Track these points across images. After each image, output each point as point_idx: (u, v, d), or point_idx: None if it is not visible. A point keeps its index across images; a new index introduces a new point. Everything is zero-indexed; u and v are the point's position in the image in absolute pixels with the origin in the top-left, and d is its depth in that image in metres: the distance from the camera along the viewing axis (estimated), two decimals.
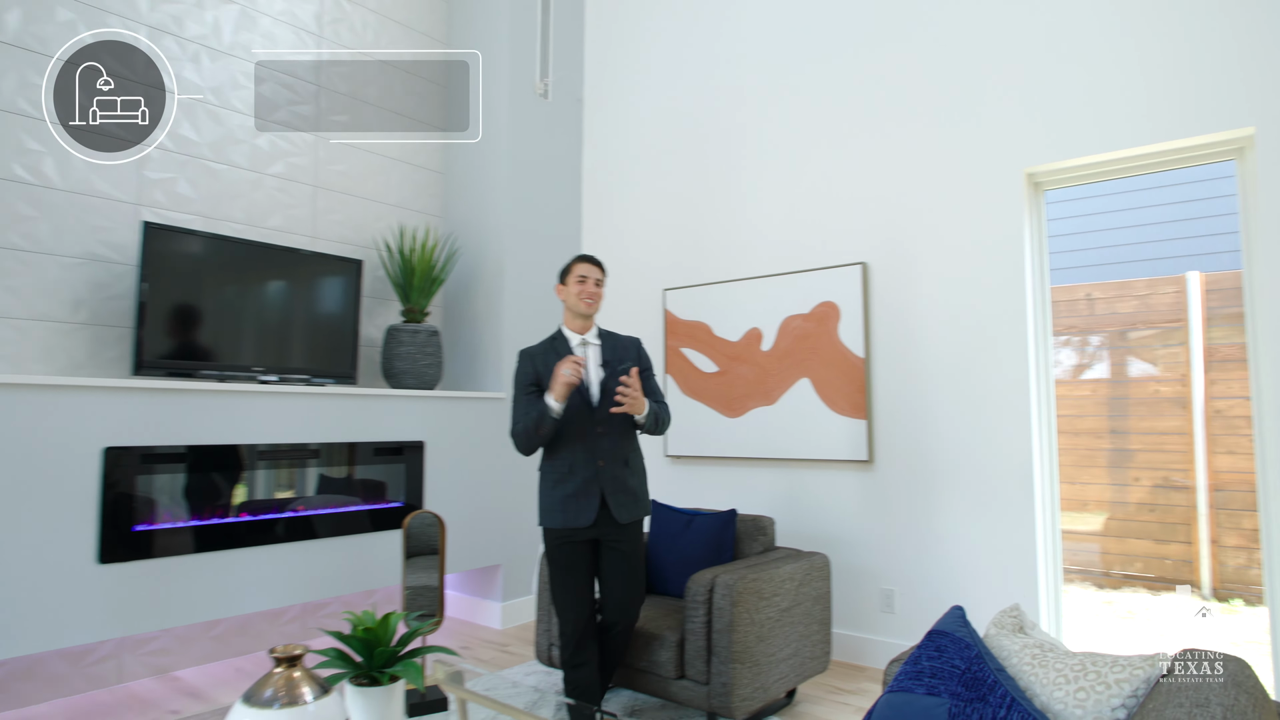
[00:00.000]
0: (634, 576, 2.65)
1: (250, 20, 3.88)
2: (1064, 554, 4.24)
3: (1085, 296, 5.85)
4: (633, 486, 2.66)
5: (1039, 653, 1.50)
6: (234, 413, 3.28)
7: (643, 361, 2.79)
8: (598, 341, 2.75)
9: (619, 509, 2.60)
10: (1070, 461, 5.62)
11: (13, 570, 2.64)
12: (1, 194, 3.07)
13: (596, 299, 2.71)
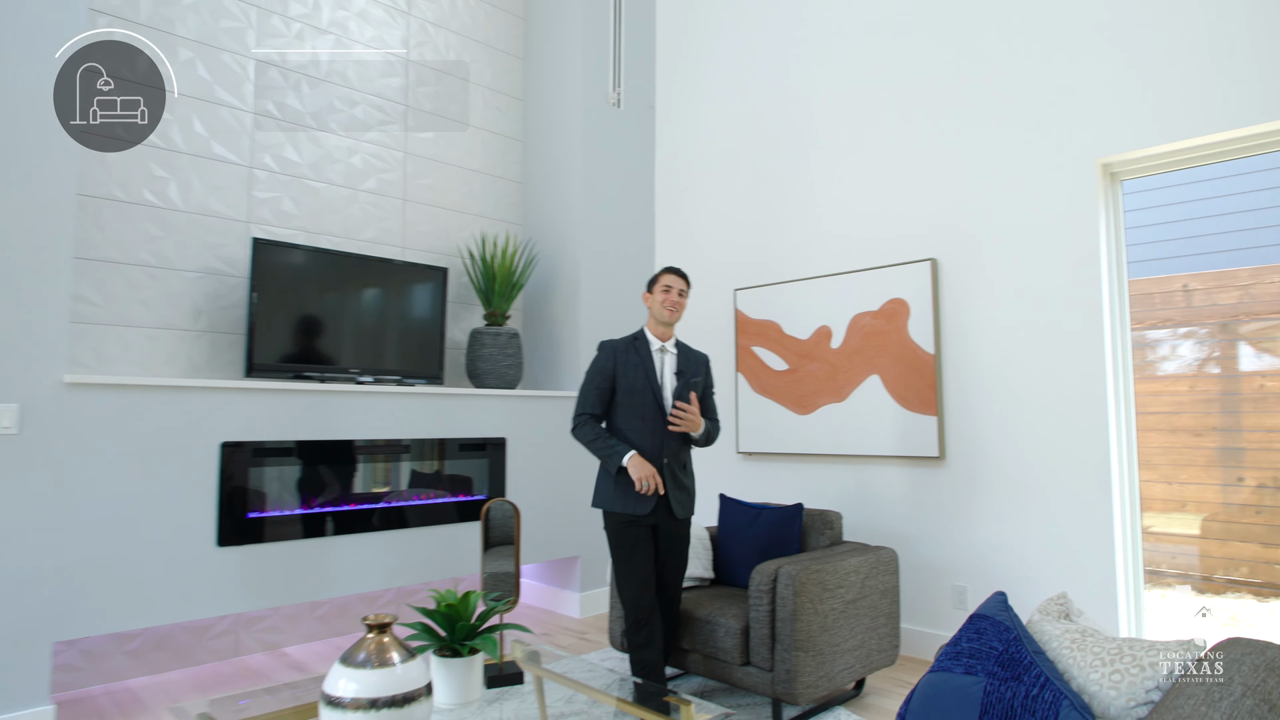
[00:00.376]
0: (683, 565, 2.93)
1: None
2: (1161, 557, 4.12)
3: (1182, 288, 5.59)
4: (687, 485, 2.90)
5: (1079, 637, 1.54)
6: (334, 411, 3.57)
7: (708, 380, 2.99)
8: (675, 350, 2.93)
9: (676, 504, 2.82)
10: (1168, 460, 5.39)
11: (145, 551, 2.98)
12: (134, 217, 3.45)
13: (678, 309, 2.88)
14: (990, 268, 3.52)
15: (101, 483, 2.89)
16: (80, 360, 3.26)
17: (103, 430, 2.91)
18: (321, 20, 4.11)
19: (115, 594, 2.90)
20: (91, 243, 3.33)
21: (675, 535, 2.85)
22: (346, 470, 3.66)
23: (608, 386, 2.84)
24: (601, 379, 2.85)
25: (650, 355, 2.88)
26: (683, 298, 2.90)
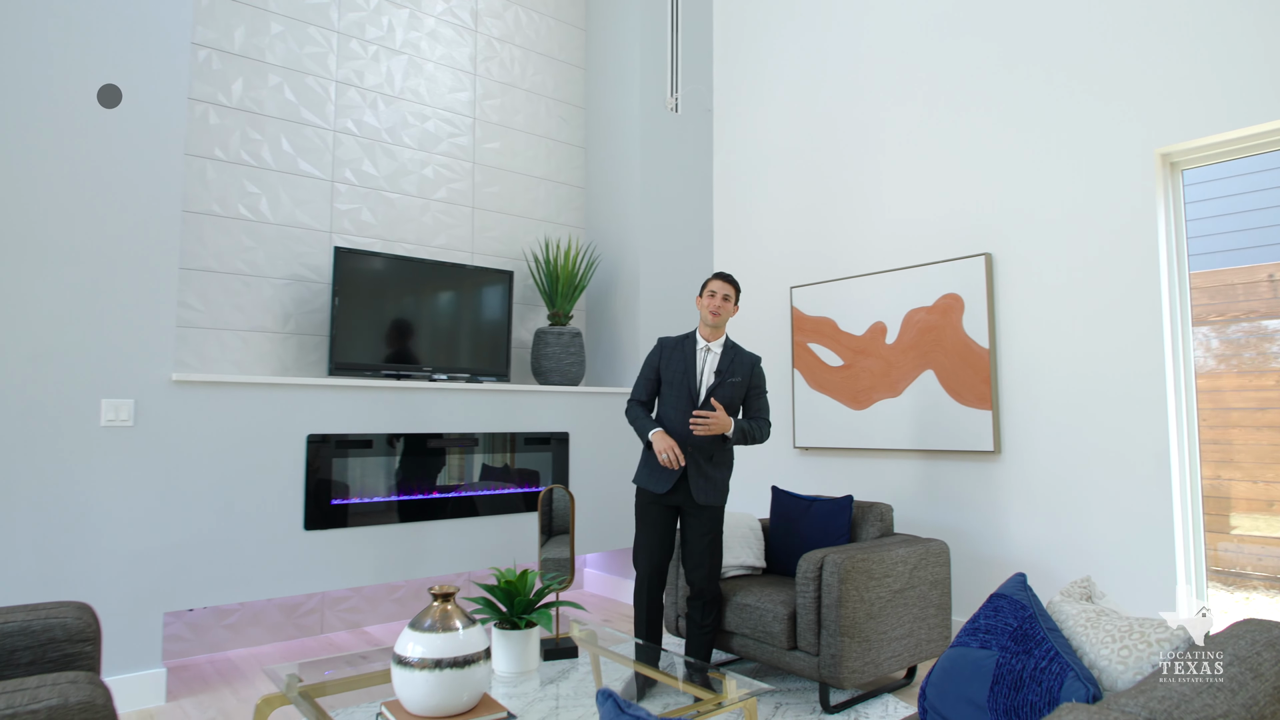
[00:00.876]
0: (711, 549, 3.02)
1: (416, 67, 4.47)
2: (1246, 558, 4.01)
3: (1268, 278, 5.37)
4: (712, 475, 3.01)
5: (1094, 616, 1.60)
6: (410, 406, 3.83)
7: (754, 380, 3.09)
8: (719, 350, 3.08)
9: (696, 490, 2.98)
10: (1253, 458, 5.19)
11: (241, 533, 3.28)
12: (230, 229, 3.78)
13: (721, 312, 3.03)
14: (1046, 261, 3.51)
15: (203, 470, 3.21)
16: (185, 360, 3.61)
17: (204, 423, 3.22)
18: (395, 41, 4.40)
19: (215, 571, 3.21)
20: (194, 254, 3.67)
21: (697, 520, 3.00)
22: (421, 462, 3.91)
23: (654, 377, 3.11)
24: (649, 370, 3.13)
25: (694, 354, 3.07)
26: (727, 301, 3.04)
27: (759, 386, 3.10)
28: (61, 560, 2.87)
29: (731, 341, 3.13)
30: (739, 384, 3.02)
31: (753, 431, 3.02)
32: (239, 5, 3.87)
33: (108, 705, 1.46)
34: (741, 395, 3.05)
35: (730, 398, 3.00)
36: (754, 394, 3.08)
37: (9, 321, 2.83)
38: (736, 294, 3.09)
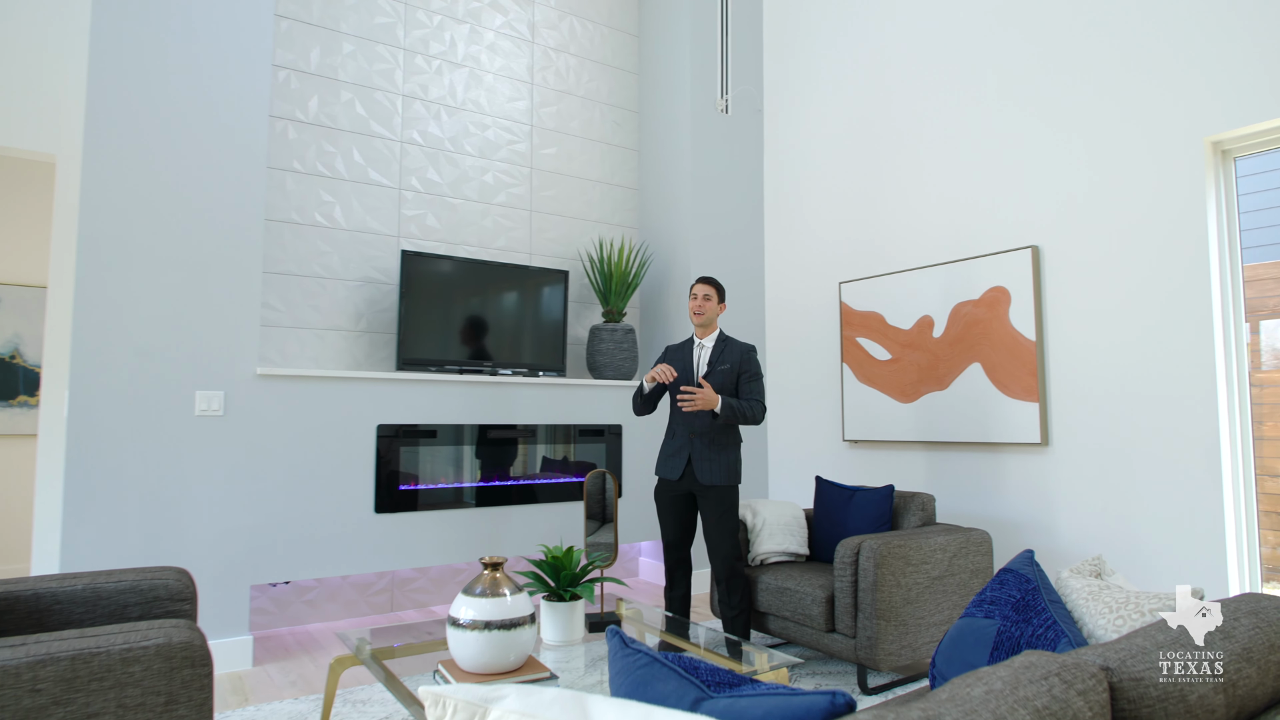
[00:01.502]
0: (721, 527, 3.22)
1: (476, 79, 4.72)
2: None
3: None
4: (713, 458, 3.24)
5: (1097, 590, 1.68)
6: (472, 399, 4.07)
7: (744, 365, 3.29)
8: (710, 344, 3.36)
9: (701, 472, 3.23)
10: None
11: (317, 514, 3.57)
12: (307, 236, 4.09)
13: (704, 310, 3.33)
14: (1094, 253, 3.50)
15: (284, 456, 3.50)
16: (268, 356, 3.93)
17: (285, 413, 3.52)
18: (458, 55, 4.65)
19: (294, 548, 3.50)
20: (275, 259, 3.99)
21: (708, 505, 3.23)
22: (483, 451, 4.15)
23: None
24: None
25: (691, 351, 3.40)
26: (709, 301, 3.33)
27: (750, 371, 3.29)
28: (162, 533, 3.19)
29: (724, 335, 3.39)
30: (729, 370, 3.26)
31: (741, 409, 3.20)
32: (314, 28, 4.18)
33: (204, 648, 1.70)
34: (734, 381, 3.27)
35: (721, 384, 3.24)
36: (745, 378, 3.28)
37: (117, 321, 3.17)
38: (719, 293, 3.36)
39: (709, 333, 3.39)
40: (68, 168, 3.63)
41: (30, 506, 4.87)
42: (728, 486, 3.23)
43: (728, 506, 3.23)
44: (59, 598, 2.10)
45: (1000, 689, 0.96)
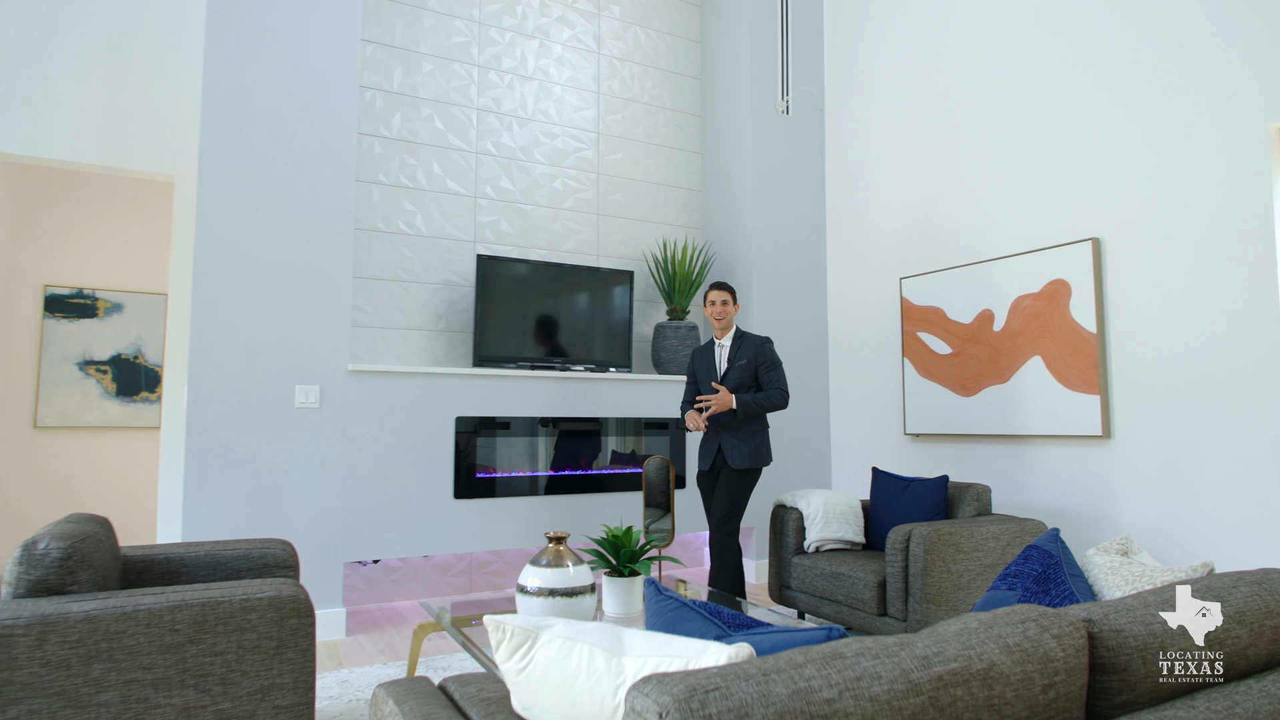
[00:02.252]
0: (724, 498, 3.51)
1: (546, 91, 4.98)
2: None
3: None
4: (738, 444, 3.53)
5: (1118, 565, 1.77)
6: (543, 394, 4.32)
7: (760, 357, 3.55)
8: (728, 343, 3.70)
9: (730, 457, 3.55)
10: None
11: (402, 499, 3.88)
12: (392, 243, 4.42)
13: (723, 315, 3.66)
14: (1156, 244, 3.48)
15: (372, 444, 3.83)
16: (358, 354, 4.27)
17: (373, 405, 3.84)
18: (528, 69, 4.92)
19: (381, 530, 3.82)
20: (364, 265, 4.33)
21: (725, 479, 3.55)
22: (553, 442, 4.40)
23: (692, 383, 3.82)
24: (689, 378, 3.86)
25: (713, 352, 3.72)
26: (726, 305, 3.66)
27: (767, 362, 3.53)
28: (268, 512, 3.55)
29: (740, 332, 3.66)
30: (746, 365, 3.51)
31: (760, 401, 3.47)
32: (396, 50, 4.51)
33: (308, 601, 1.97)
34: (752, 373, 3.52)
35: (741, 379, 3.50)
36: (763, 369, 3.53)
37: (228, 324, 3.54)
38: (734, 296, 3.65)
39: (727, 333, 3.70)
40: (185, 187, 4.06)
41: (151, 491, 5.40)
42: (749, 470, 3.51)
43: (743, 483, 3.51)
44: (186, 561, 2.43)
45: (976, 627, 1.10)
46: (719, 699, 0.85)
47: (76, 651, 1.71)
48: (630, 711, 0.87)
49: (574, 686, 1.09)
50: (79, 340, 5.46)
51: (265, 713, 1.89)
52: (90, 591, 1.88)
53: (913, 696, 0.94)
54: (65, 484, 5.39)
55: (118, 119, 3.98)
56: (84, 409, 5.45)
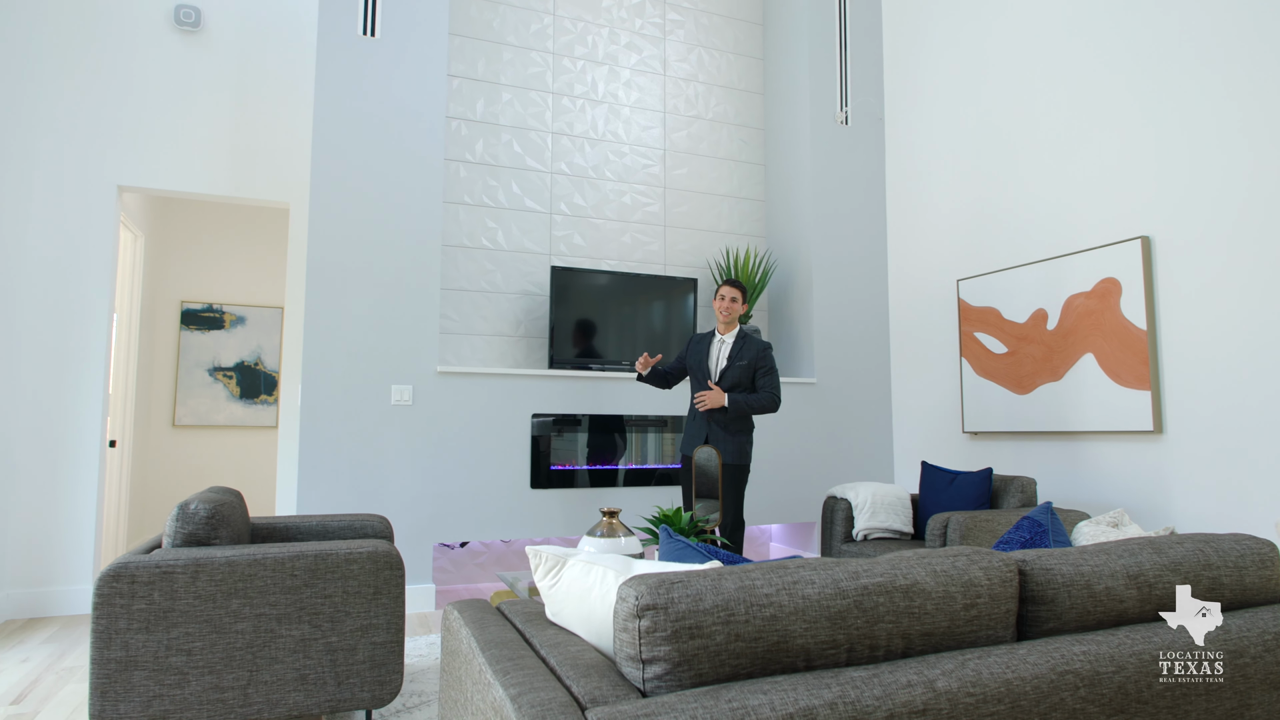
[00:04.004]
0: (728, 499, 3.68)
1: (615, 113, 5.35)
2: None
3: None
4: (730, 439, 3.74)
5: (1101, 533, 1.95)
6: (611, 394, 4.68)
7: (759, 361, 3.74)
8: (730, 341, 3.83)
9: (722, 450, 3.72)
10: None
11: (484, 487, 4.30)
12: (476, 257, 4.88)
13: (731, 311, 3.84)
14: (1205, 240, 3.53)
15: (458, 438, 4.26)
16: (445, 358, 4.73)
17: (459, 403, 4.28)
18: (598, 94, 5.31)
19: (466, 515, 4.25)
20: (450, 277, 4.80)
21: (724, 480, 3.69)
22: (623, 438, 4.74)
23: (679, 360, 4.05)
24: (678, 358, 4.07)
25: (711, 345, 3.91)
26: (735, 303, 3.84)
27: (764, 367, 3.72)
28: (369, 496, 4.03)
29: (743, 332, 3.85)
30: (745, 366, 3.72)
31: (750, 402, 3.66)
32: (479, 82, 4.98)
33: (399, 557, 2.36)
34: (749, 375, 3.71)
35: (737, 378, 3.71)
36: (760, 373, 3.73)
37: (335, 331, 4.05)
38: (744, 295, 3.84)
39: (730, 330, 3.89)
40: (298, 212, 4.62)
41: (269, 482, 6.05)
42: (737, 466, 3.70)
43: (739, 480, 3.72)
44: (301, 528, 2.88)
45: (909, 556, 1.35)
46: (680, 588, 1.15)
47: (220, 588, 2.15)
48: (619, 599, 1.18)
49: (590, 596, 1.41)
50: (209, 349, 6.18)
51: (364, 647, 2.29)
52: (229, 544, 2.33)
53: (839, 600, 1.21)
54: (199, 475, 6.10)
55: (243, 155, 4.59)
56: (213, 410, 6.17)
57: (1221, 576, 1.57)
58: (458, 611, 1.62)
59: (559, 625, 1.49)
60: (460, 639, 1.50)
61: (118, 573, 2.08)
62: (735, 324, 3.90)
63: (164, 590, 2.10)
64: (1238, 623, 1.50)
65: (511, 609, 1.60)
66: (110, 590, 2.07)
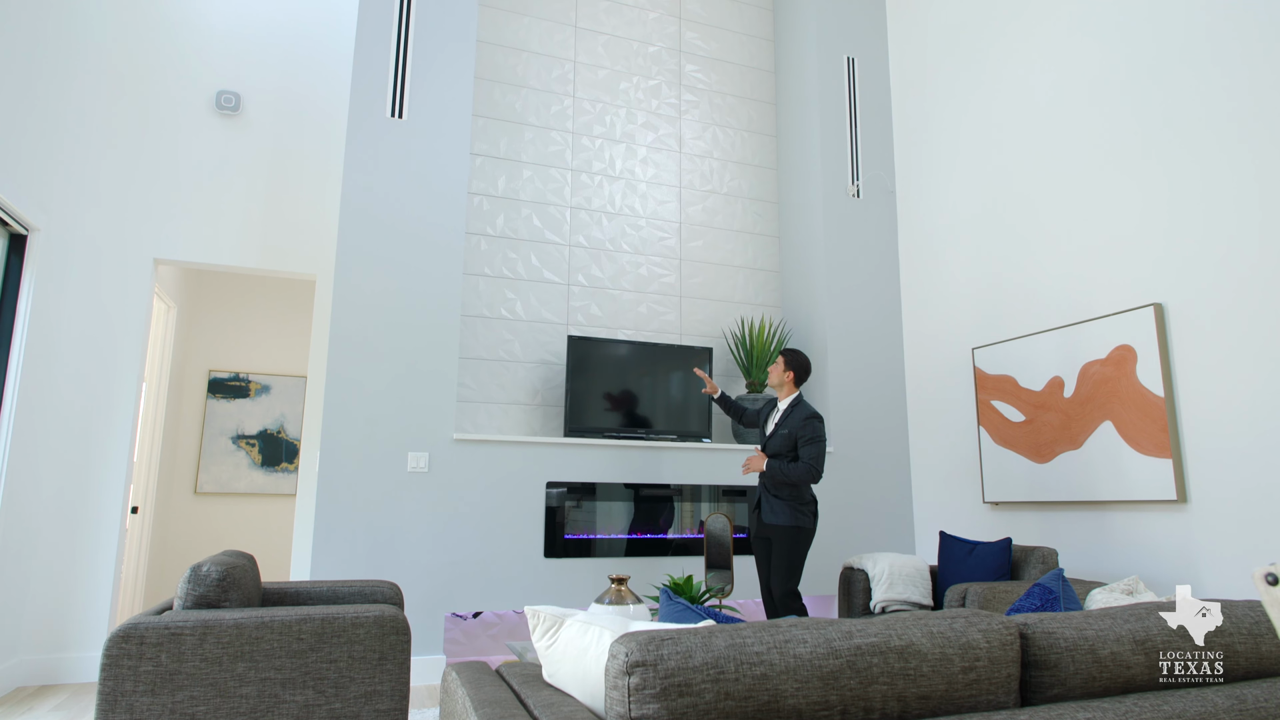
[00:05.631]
0: (776, 568, 3.65)
1: (632, 188, 5.52)
2: None
3: None
4: (774, 502, 3.75)
5: (1115, 600, 1.91)
6: (627, 462, 4.68)
7: (800, 431, 3.74)
8: (784, 408, 3.95)
9: (766, 513, 3.77)
10: None
11: (498, 556, 4.28)
12: (494, 327, 4.98)
13: (770, 381, 4.04)
14: (1218, 306, 3.53)
15: (473, 506, 4.27)
16: (462, 425, 4.78)
17: (475, 471, 4.31)
18: (616, 170, 5.50)
19: (479, 585, 4.22)
20: (469, 347, 4.90)
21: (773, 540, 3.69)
22: (637, 506, 4.72)
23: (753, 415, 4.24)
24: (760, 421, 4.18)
25: (771, 410, 4.03)
26: (773, 369, 3.99)
27: (805, 436, 3.71)
28: (383, 563, 4.03)
29: (798, 400, 3.88)
30: (787, 435, 3.73)
31: (786, 471, 3.67)
32: (500, 160, 5.19)
33: (405, 622, 2.36)
34: (791, 444, 3.71)
35: (779, 446, 3.73)
36: (800, 442, 3.72)
37: (355, 399, 4.13)
38: (784, 362, 3.91)
39: (785, 396, 3.95)
40: (324, 284, 4.78)
41: (285, 550, 6.06)
42: (790, 528, 3.65)
43: (784, 544, 3.66)
44: (312, 593, 2.89)
45: (906, 617, 1.34)
46: (670, 645, 1.15)
47: (227, 650, 2.16)
48: (610, 656, 1.19)
49: (585, 656, 1.41)
50: (233, 417, 6.30)
51: (368, 715, 2.27)
52: (238, 607, 2.35)
53: (832, 660, 1.21)
54: (217, 542, 6.13)
55: (274, 229, 4.78)
56: (235, 477, 6.24)
57: (1235, 644, 1.53)
58: (456, 673, 1.62)
59: (554, 686, 1.49)
60: (456, 699, 1.50)
61: (127, 634, 2.10)
62: (792, 390, 3.95)
63: (171, 652, 2.12)
64: (1254, 692, 1.45)
65: (510, 671, 1.60)
66: (119, 651, 2.09)
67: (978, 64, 5.02)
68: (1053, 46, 4.48)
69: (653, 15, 5.80)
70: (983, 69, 4.98)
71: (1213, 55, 3.62)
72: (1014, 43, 4.76)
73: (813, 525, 3.73)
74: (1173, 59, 3.80)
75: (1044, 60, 4.54)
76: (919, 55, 5.59)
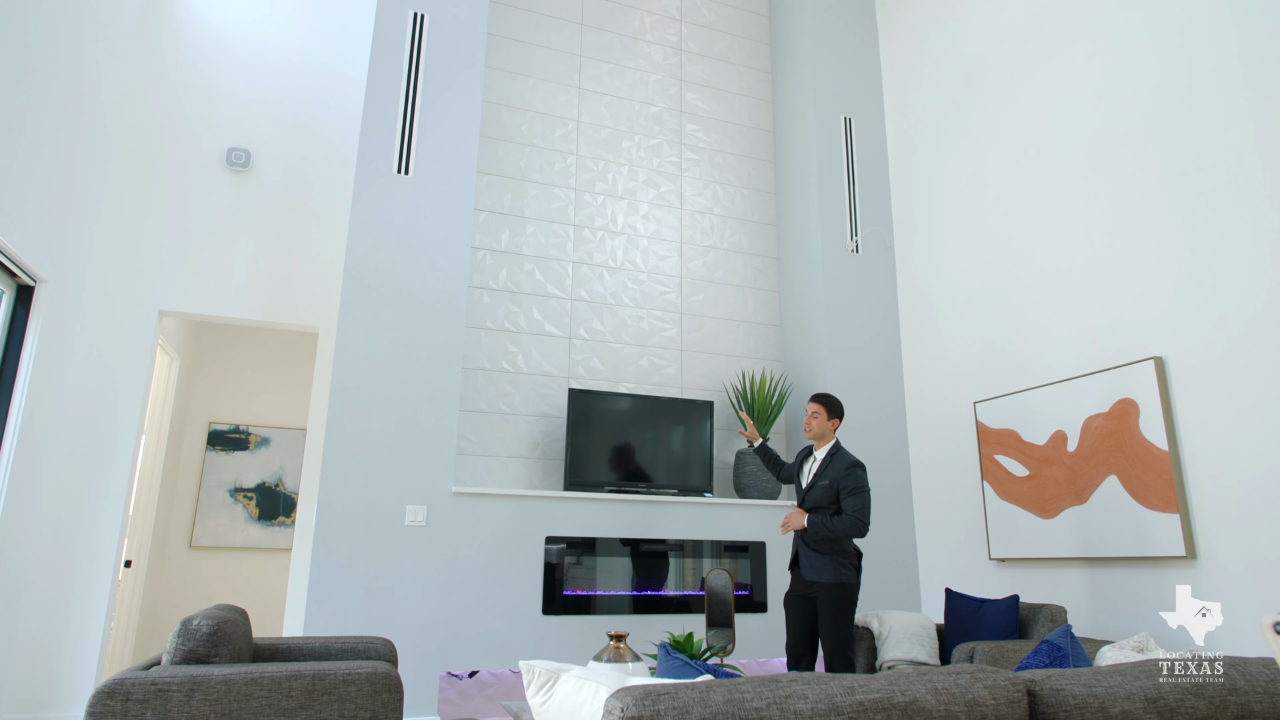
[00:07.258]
0: (825, 629, 3.45)
1: (633, 243, 5.59)
2: None
3: None
4: (812, 557, 3.55)
5: (1125, 658, 1.86)
6: (628, 516, 4.63)
7: (843, 481, 3.55)
8: (821, 457, 3.73)
9: (806, 569, 3.58)
10: None
11: (495, 613, 4.19)
12: (495, 380, 4.99)
13: (809, 426, 3.78)
14: (1219, 358, 3.53)
15: (471, 561, 4.21)
16: (462, 478, 4.75)
17: (474, 524, 4.26)
18: (618, 225, 5.58)
19: (475, 642, 4.12)
20: (470, 399, 4.89)
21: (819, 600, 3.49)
22: (637, 561, 4.64)
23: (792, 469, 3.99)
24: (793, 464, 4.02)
25: (806, 460, 3.84)
26: (815, 417, 3.76)
27: (848, 486, 3.51)
28: (377, 619, 3.95)
29: (836, 448, 3.69)
30: (828, 486, 3.54)
31: (830, 526, 3.46)
32: (504, 216, 5.27)
33: (398, 679, 2.30)
34: (833, 495, 3.52)
35: (820, 499, 3.55)
36: (843, 493, 3.52)
37: (354, 452, 4.11)
38: (827, 409, 3.72)
39: (823, 444, 3.76)
40: (326, 336, 4.80)
41: (279, 604, 5.94)
42: (835, 584, 3.44)
43: (832, 605, 3.44)
44: (304, 649, 2.83)
45: (911, 674, 1.31)
46: (667, 700, 1.12)
47: (214, 708, 2.10)
48: (605, 711, 1.15)
49: (581, 713, 1.37)
50: (232, 470, 6.26)
51: None
52: (228, 662, 2.29)
53: (834, 716, 1.17)
54: (211, 597, 6.03)
55: (279, 282, 4.83)
56: (231, 531, 6.17)
57: (1251, 703, 1.49)
58: None
59: None
60: None
61: (112, 690, 2.05)
62: (827, 437, 3.73)
63: (158, 709, 2.06)
64: None
65: None
66: (103, 709, 2.03)
67: (974, 123, 5.14)
68: (1047, 105, 4.59)
69: (654, 78, 5.96)
70: (978, 128, 5.09)
71: (1207, 111, 3.70)
72: (1008, 103, 4.87)
73: (857, 580, 3.52)
74: (1168, 115, 3.88)
75: (1038, 119, 4.64)
76: (915, 115, 5.73)
